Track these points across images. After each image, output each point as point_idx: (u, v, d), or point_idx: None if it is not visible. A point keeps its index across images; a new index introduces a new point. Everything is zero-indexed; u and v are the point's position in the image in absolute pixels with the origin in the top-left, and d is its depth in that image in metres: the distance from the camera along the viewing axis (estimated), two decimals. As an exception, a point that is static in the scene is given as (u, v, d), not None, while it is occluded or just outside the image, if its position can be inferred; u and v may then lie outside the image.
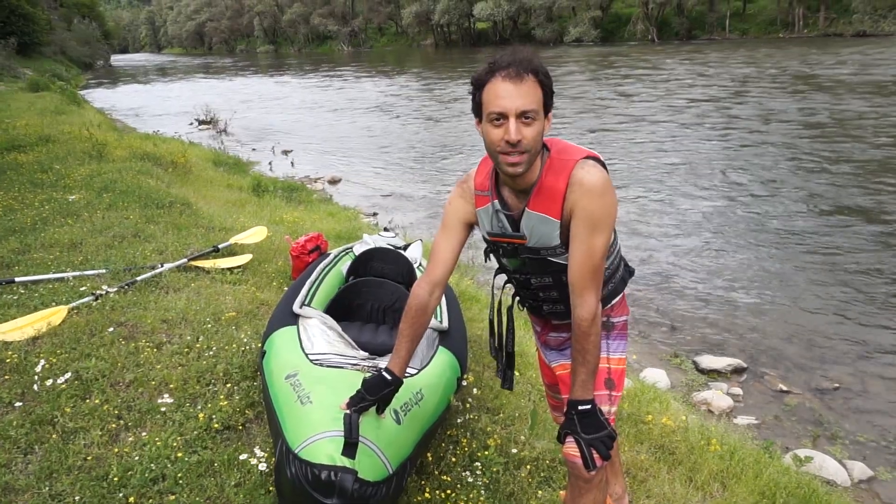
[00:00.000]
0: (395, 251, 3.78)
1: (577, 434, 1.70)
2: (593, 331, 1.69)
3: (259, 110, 21.30)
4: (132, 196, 6.05)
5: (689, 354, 4.83)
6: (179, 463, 2.31)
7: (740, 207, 8.20)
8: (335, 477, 1.72)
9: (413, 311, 1.85)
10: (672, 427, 3.07)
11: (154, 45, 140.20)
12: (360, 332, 3.04)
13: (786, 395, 4.26)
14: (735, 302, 5.64)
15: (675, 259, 6.67)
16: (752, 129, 12.98)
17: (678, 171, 10.16)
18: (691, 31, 46.38)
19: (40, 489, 2.19)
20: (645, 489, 2.59)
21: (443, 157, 12.63)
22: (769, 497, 2.65)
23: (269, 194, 8.38)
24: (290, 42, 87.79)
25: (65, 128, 10.69)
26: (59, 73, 32.32)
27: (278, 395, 2.15)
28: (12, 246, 4.66)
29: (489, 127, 1.61)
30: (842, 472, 3.43)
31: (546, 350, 2.11)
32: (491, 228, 1.82)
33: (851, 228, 7.15)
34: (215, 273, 4.32)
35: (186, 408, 2.67)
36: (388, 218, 8.40)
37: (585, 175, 1.64)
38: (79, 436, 2.47)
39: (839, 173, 9.31)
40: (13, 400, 2.70)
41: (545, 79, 1.61)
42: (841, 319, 5.22)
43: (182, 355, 3.10)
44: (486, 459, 2.50)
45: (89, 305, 3.60)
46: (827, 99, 15.72)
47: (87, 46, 53.82)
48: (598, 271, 1.69)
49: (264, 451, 2.42)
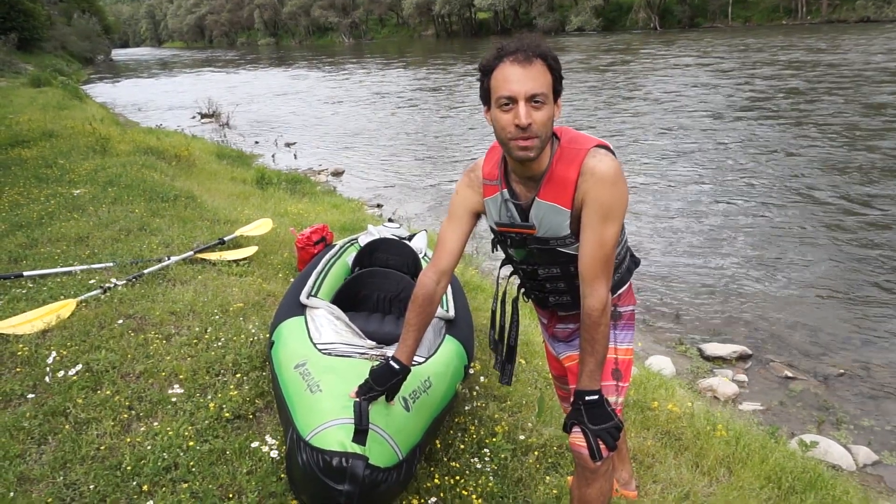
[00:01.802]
0: (399, 242, 3.79)
1: (583, 424, 1.69)
2: (603, 321, 1.68)
3: (261, 103, 21.28)
4: (137, 190, 6.07)
5: (695, 342, 4.85)
6: (191, 451, 2.34)
7: (744, 194, 8.18)
8: (346, 463, 1.74)
9: (420, 299, 1.85)
10: (678, 413, 3.09)
11: (154, 39, 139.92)
12: (367, 322, 3.05)
13: (791, 382, 4.28)
14: (740, 289, 5.65)
15: (680, 247, 6.68)
16: (757, 117, 12.93)
17: (682, 160, 10.14)
18: (694, 19, 46.12)
19: (55, 479, 2.22)
20: (651, 474, 2.61)
21: (446, 148, 12.62)
22: (775, 481, 2.67)
23: (273, 187, 8.39)
24: (291, 34, 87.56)
25: (68, 123, 10.69)
26: (61, 69, 32.29)
27: (288, 384, 2.17)
28: (20, 240, 4.69)
29: (498, 113, 1.60)
30: (847, 457, 3.45)
31: (554, 342, 2.10)
32: (499, 218, 1.80)
33: (857, 215, 7.14)
34: (221, 265, 4.34)
35: (197, 398, 2.70)
36: (393, 209, 8.42)
37: (598, 164, 1.63)
38: (91, 426, 2.50)
39: (845, 160, 9.28)
40: (25, 392, 2.73)
41: (554, 63, 1.60)
42: (846, 306, 5.22)
43: (191, 346, 3.12)
44: (494, 446, 2.52)
45: (98, 298, 3.62)
46: (831, 85, 15.63)
47: (87, 41, 53.66)
48: (609, 261, 1.68)
49: (275, 439, 2.44)
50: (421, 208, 8.63)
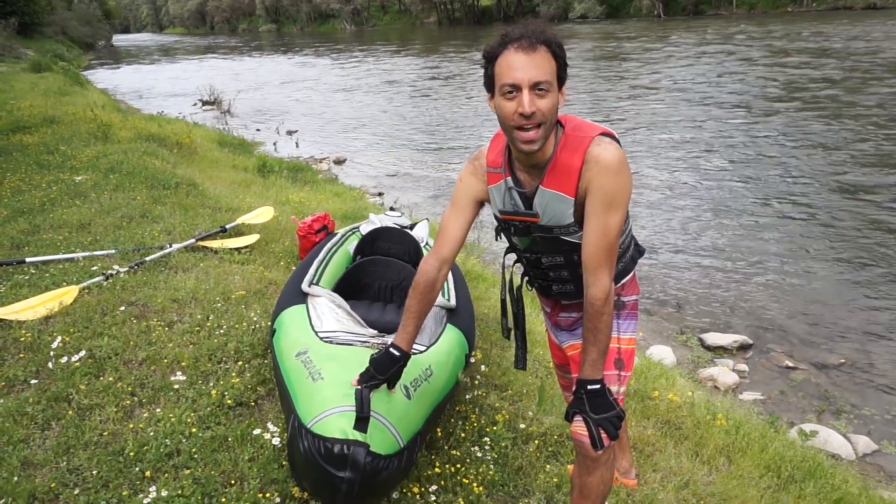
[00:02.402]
0: (401, 230, 3.79)
1: (585, 413, 1.69)
2: (606, 310, 1.67)
3: (262, 90, 21.21)
4: (139, 177, 6.06)
5: (695, 331, 4.85)
6: (194, 438, 2.35)
7: (746, 184, 8.16)
8: (348, 450, 1.75)
9: (421, 286, 1.85)
10: (678, 403, 3.10)
11: (155, 24, 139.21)
12: (369, 311, 3.05)
13: (791, 371, 4.29)
14: (741, 279, 5.65)
15: (681, 236, 6.66)
16: (759, 105, 12.86)
17: (683, 149, 10.10)
18: (698, 6, 45.72)
19: (58, 464, 2.23)
20: (651, 463, 2.62)
21: (447, 137, 12.58)
22: (774, 470, 2.69)
23: (275, 174, 8.38)
24: (293, 21, 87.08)
25: (69, 109, 10.67)
26: (61, 54, 32.07)
27: (289, 372, 2.18)
28: (22, 227, 4.70)
29: (502, 101, 1.59)
30: (846, 446, 3.46)
31: (557, 331, 2.10)
32: (503, 206, 1.80)
33: (858, 205, 7.11)
34: (223, 253, 4.34)
35: (199, 385, 2.71)
36: (394, 197, 8.41)
37: (602, 152, 1.62)
38: (94, 412, 2.51)
39: (847, 149, 9.23)
40: (28, 377, 2.74)
41: (559, 50, 1.58)
42: (847, 296, 5.22)
43: (193, 334, 3.13)
44: (495, 435, 2.53)
45: (100, 285, 3.63)
46: (837, 73, 15.52)
47: (88, 26, 53.39)
48: (613, 250, 1.67)
49: (277, 426, 2.45)
50: (423, 197, 8.62)
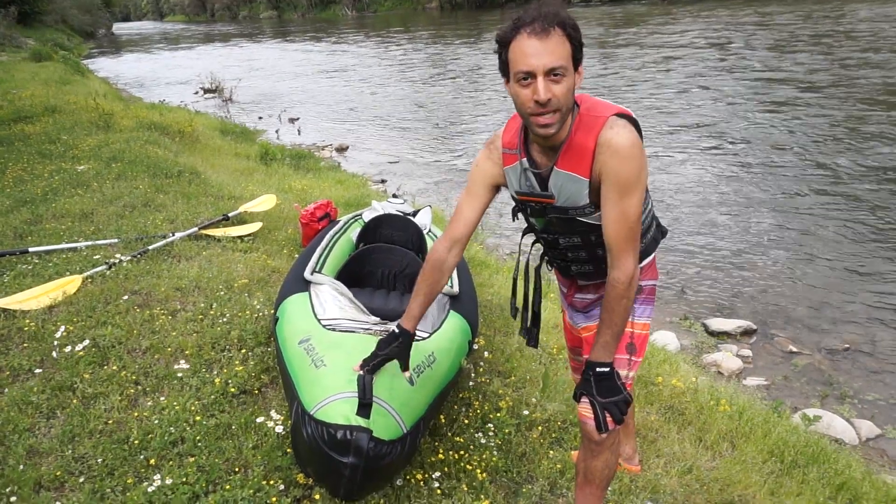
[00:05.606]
0: (404, 217, 3.78)
1: (592, 396, 1.69)
2: (628, 294, 1.65)
3: (264, 78, 21.09)
4: (141, 166, 6.05)
5: (699, 317, 4.84)
6: (198, 426, 2.36)
7: (751, 168, 8.10)
8: (351, 436, 1.75)
9: (430, 266, 1.85)
10: (682, 388, 3.09)
11: (156, 12, 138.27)
12: (371, 298, 3.06)
13: (795, 356, 4.28)
14: (745, 264, 5.63)
15: (685, 221, 6.64)
16: (766, 90, 12.75)
17: (687, 134, 10.03)
18: (703, -10, 45.22)
19: (63, 452, 2.25)
20: (655, 449, 2.63)
21: (450, 123, 12.51)
22: (778, 456, 2.69)
23: (277, 162, 8.36)
24: (294, 7, 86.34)
25: (70, 98, 10.64)
26: (62, 43, 31.95)
27: (292, 359, 2.18)
28: (24, 216, 4.70)
29: (517, 87, 1.57)
30: (850, 431, 3.46)
31: (572, 312, 2.10)
32: (519, 187, 1.79)
33: (864, 189, 7.07)
34: (226, 241, 4.34)
35: (202, 373, 2.72)
36: (397, 185, 8.38)
37: (614, 136, 1.60)
38: (99, 401, 2.53)
39: (852, 134, 9.16)
40: (33, 367, 2.75)
41: (573, 31, 1.55)
42: (851, 281, 5.20)
43: (196, 322, 3.13)
44: (498, 421, 2.54)
45: (103, 274, 3.64)
46: (845, 57, 15.37)
47: (88, 15, 53.06)
48: (635, 234, 1.65)
49: (280, 413, 2.46)
50: (426, 184, 8.59)
